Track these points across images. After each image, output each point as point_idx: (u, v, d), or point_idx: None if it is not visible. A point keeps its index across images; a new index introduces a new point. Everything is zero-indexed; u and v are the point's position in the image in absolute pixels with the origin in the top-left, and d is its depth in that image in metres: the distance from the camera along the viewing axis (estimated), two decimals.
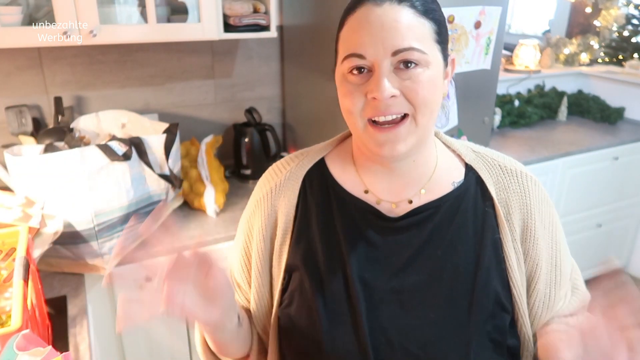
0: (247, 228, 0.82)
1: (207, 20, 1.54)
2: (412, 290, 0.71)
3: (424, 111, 0.66)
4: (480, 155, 0.79)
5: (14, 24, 1.34)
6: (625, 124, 2.82)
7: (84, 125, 1.59)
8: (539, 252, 0.75)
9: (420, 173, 0.75)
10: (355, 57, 0.65)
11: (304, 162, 0.80)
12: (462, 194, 0.75)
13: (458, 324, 0.69)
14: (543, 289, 0.75)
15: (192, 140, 1.87)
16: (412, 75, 0.64)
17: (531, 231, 0.74)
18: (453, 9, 1.59)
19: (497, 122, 2.62)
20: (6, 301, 0.99)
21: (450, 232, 0.73)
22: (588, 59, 3.14)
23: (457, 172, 0.77)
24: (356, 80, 0.66)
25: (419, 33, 0.64)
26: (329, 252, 0.73)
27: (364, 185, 0.76)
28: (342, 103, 0.68)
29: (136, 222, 1.37)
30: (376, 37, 0.63)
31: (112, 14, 1.47)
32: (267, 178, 0.82)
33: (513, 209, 0.74)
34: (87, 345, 1.07)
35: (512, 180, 0.76)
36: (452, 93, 1.73)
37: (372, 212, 0.74)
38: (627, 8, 3.12)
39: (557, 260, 0.77)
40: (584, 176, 2.47)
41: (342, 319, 0.70)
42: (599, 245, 2.74)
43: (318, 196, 0.77)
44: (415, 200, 0.74)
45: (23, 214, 1.11)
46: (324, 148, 0.82)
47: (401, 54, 0.63)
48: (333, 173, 0.79)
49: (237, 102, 2.00)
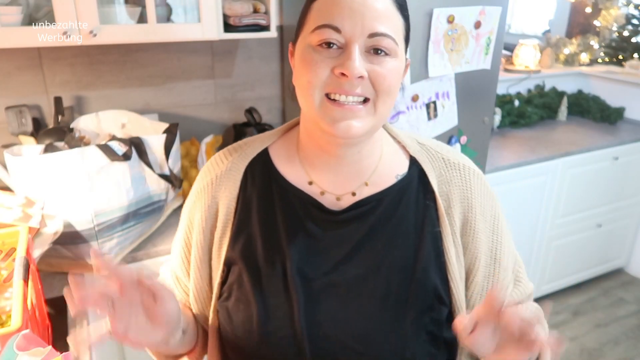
0: (188, 220, 0.80)
1: (207, 20, 1.54)
2: (351, 284, 0.70)
3: (385, 99, 0.65)
4: (425, 148, 0.78)
5: (14, 24, 1.34)
6: (625, 124, 2.82)
7: (84, 125, 1.59)
8: (478, 245, 0.74)
9: (365, 165, 0.74)
10: (331, 29, 0.62)
11: (246, 153, 0.78)
12: (404, 187, 0.74)
13: (395, 317, 0.69)
14: (481, 282, 0.75)
15: (192, 140, 1.87)
16: (382, 61, 0.64)
17: (471, 224, 0.74)
18: (453, 9, 1.59)
19: (497, 122, 2.63)
20: (6, 301, 0.99)
21: (391, 226, 0.72)
22: (588, 59, 3.14)
23: (401, 165, 0.76)
24: (325, 53, 0.63)
25: (394, 23, 0.65)
26: (269, 245, 0.72)
27: (308, 176, 0.75)
28: (301, 75, 0.65)
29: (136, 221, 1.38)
30: (356, 12, 0.62)
31: (112, 14, 1.47)
32: (208, 169, 0.80)
33: (454, 202, 0.74)
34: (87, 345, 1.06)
35: (454, 174, 0.75)
36: (452, 93, 1.73)
37: (314, 204, 0.73)
38: (627, 8, 3.12)
39: (498, 254, 0.76)
40: (584, 176, 2.47)
41: (279, 313, 0.69)
42: (599, 245, 2.74)
43: (260, 188, 0.76)
44: (358, 192, 0.74)
45: (23, 214, 1.11)
46: (267, 138, 0.80)
47: (377, 38, 0.63)
48: (276, 164, 0.77)
49: (237, 102, 2.00)
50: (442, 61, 1.66)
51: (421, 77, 1.65)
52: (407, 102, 1.65)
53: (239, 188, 0.76)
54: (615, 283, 2.90)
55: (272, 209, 0.74)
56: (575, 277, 2.77)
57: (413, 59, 1.60)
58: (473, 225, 0.74)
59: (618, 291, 2.83)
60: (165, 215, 1.57)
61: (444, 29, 1.61)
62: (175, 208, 1.62)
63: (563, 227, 2.54)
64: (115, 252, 1.35)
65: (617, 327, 2.54)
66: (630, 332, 2.51)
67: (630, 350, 2.38)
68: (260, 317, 0.69)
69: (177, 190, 1.56)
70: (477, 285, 0.75)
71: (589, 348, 2.39)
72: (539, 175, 2.31)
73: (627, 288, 2.86)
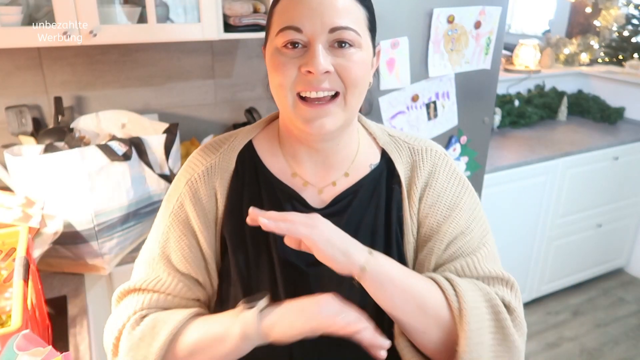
0: (182, 213, 0.76)
1: (207, 20, 1.54)
2: (334, 273, 0.68)
3: (353, 91, 0.67)
4: (394, 139, 0.81)
5: (14, 24, 1.34)
6: (625, 124, 2.82)
7: (84, 125, 1.59)
8: (429, 209, 0.75)
9: (344, 155, 0.77)
10: (292, 30, 0.65)
11: (234, 144, 0.79)
12: (377, 177, 0.77)
13: (369, 299, 0.70)
14: (424, 255, 0.75)
15: (192, 140, 1.87)
16: (346, 54, 0.66)
17: (426, 200, 0.76)
18: (453, 9, 1.59)
19: (497, 122, 2.63)
20: (6, 301, 0.99)
21: (366, 215, 0.75)
22: (588, 59, 3.15)
23: (374, 155, 0.79)
24: (291, 54, 0.66)
25: (355, 16, 0.66)
26: (257, 235, 0.74)
27: (291, 168, 0.77)
28: (273, 77, 0.68)
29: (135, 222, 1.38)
30: (315, 11, 0.64)
31: (112, 14, 1.47)
32: (196, 162, 0.79)
33: (417, 182, 0.76)
34: (87, 345, 1.07)
35: (418, 157, 0.78)
36: (452, 93, 1.74)
37: (297, 199, 0.76)
38: (627, 8, 3.12)
39: (451, 217, 0.75)
40: (584, 176, 2.47)
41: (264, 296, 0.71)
42: (599, 245, 2.74)
43: (248, 179, 0.77)
44: (339, 183, 0.77)
45: (23, 214, 1.11)
46: (251, 130, 0.81)
47: (338, 32, 0.65)
48: (261, 156, 0.79)
49: (237, 102, 2.00)
50: (442, 61, 1.66)
51: (421, 77, 1.65)
52: (407, 102, 1.65)
53: (230, 178, 0.77)
54: (615, 283, 2.90)
55: (259, 200, 0.76)
56: (575, 277, 2.77)
57: (413, 59, 1.60)
58: (427, 194, 0.76)
59: (618, 291, 2.83)
60: None
61: (444, 29, 1.61)
62: None
63: (563, 227, 2.54)
64: (115, 252, 1.35)
65: (617, 327, 2.54)
66: (630, 332, 2.51)
67: (630, 350, 2.38)
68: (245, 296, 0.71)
69: None
70: (422, 257, 0.75)
71: (589, 348, 2.39)
72: (538, 175, 2.31)
73: (627, 288, 2.86)
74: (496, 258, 0.77)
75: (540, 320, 2.58)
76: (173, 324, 0.70)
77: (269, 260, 0.73)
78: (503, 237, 2.32)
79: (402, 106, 1.64)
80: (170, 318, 0.71)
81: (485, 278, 0.73)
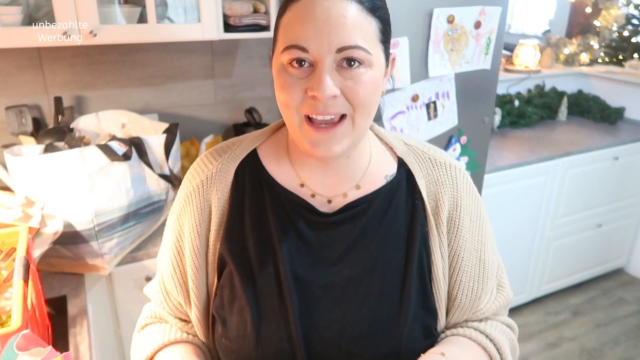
0: (178, 227, 0.77)
1: (207, 20, 1.54)
2: (345, 286, 0.70)
3: (362, 112, 0.64)
4: (412, 148, 0.78)
5: (14, 24, 1.34)
6: (625, 124, 2.82)
7: (84, 125, 1.59)
8: (462, 243, 0.75)
9: (355, 168, 0.74)
10: (297, 49, 0.61)
11: (235, 153, 0.77)
12: (394, 188, 0.74)
13: (390, 316, 0.69)
14: (467, 281, 0.75)
15: (192, 140, 1.87)
16: (355, 75, 0.62)
17: (456, 222, 0.74)
18: (453, 9, 1.59)
19: (497, 122, 2.63)
20: (6, 301, 0.99)
21: (382, 227, 0.73)
22: (588, 59, 3.15)
23: (390, 166, 0.76)
24: (296, 74, 0.63)
25: (365, 32, 0.62)
26: (261, 246, 0.72)
27: (299, 178, 0.75)
28: (279, 96, 0.65)
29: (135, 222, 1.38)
30: (321, 31, 0.60)
31: (112, 14, 1.47)
32: (196, 171, 0.78)
33: (441, 201, 0.74)
34: (87, 345, 1.07)
35: (441, 173, 0.76)
36: (452, 93, 1.73)
37: (305, 206, 0.73)
38: (627, 8, 3.12)
39: (483, 254, 0.76)
40: (584, 176, 2.47)
41: (273, 316, 0.69)
42: (599, 245, 2.74)
43: (250, 189, 0.75)
44: (350, 194, 0.74)
45: (23, 214, 1.11)
46: (256, 138, 0.79)
47: (346, 52, 0.61)
48: (266, 165, 0.76)
49: (237, 102, 2.00)
50: (442, 61, 1.66)
51: (421, 77, 1.65)
52: (407, 102, 1.65)
53: (230, 189, 0.74)
54: (615, 283, 2.90)
55: (263, 210, 0.74)
56: (575, 277, 2.77)
57: (413, 59, 1.60)
58: (457, 223, 0.74)
59: (618, 291, 2.83)
60: (165, 215, 1.57)
61: (444, 29, 1.61)
62: None
63: (563, 227, 2.54)
64: (115, 252, 1.35)
65: (617, 327, 2.54)
66: (630, 332, 2.51)
67: (630, 350, 2.38)
68: (254, 320, 0.69)
69: (177, 190, 1.56)
70: (463, 284, 0.75)
71: (589, 348, 2.39)
72: (539, 175, 2.31)
73: (627, 288, 2.86)
74: (506, 281, 0.86)
75: (540, 320, 2.58)
76: (150, 347, 0.78)
77: (276, 272, 0.71)
78: (503, 237, 2.32)
79: (402, 106, 1.64)
80: (153, 339, 0.80)
81: (506, 305, 0.83)
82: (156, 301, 0.83)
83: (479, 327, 0.77)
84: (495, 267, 0.80)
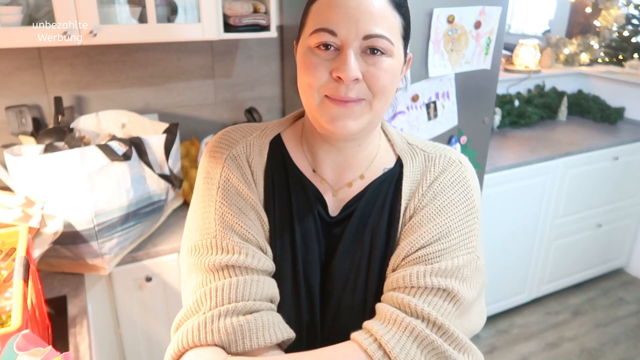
0: (223, 181, 0.74)
1: (207, 20, 1.54)
2: (341, 278, 0.75)
3: (380, 98, 0.68)
4: (412, 147, 0.81)
5: (14, 24, 1.34)
6: (625, 124, 2.82)
7: (84, 125, 1.59)
8: (416, 219, 0.73)
9: (363, 157, 0.78)
10: (327, 32, 0.65)
11: (267, 133, 0.80)
12: (387, 179, 0.78)
13: (369, 300, 0.74)
14: (394, 258, 0.74)
15: (192, 140, 1.87)
16: (377, 61, 0.66)
17: (423, 198, 0.75)
18: (453, 9, 1.59)
19: (497, 122, 2.63)
20: (6, 301, 0.99)
21: (371, 216, 0.76)
22: (588, 59, 3.15)
23: (390, 161, 0.80)
24: (323, 55, 0.66)
25: (389, 23, 0.66)
26: (282, 229, 0.76)
27: (312, 164, 0.79)
28: (303, 76, 0.68)
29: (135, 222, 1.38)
30: (351, 16, 0.64)
31: (112, 14, 1.47)
32: (230, 137, 0.78)
33: (423, 187, 0.76)
34: (87, 345, 1.07)
35: (431, 164, 0.78)
36: (452, 93, 1.73)
37: (322, 203, 0.77)
38: (627, 8, 3.12)
39: (447, 231, 0.72)
40: (584, 176, 2.47)
41: (287, 298, 0.74)
42: (599, 245, 2.74)
43: (277, 172, 0.78)
44: (355, 184, 0.78)
45: (23, 214, 1.11)
46: (280, 124, 0.82)
47: (372, 40, 0.65)
48: (289, 151, 0.80)
49: (237, 102, 2.00)
50: (442, 61, 1.66)
51: (421, 77, 1.65)
52: (407, 102, 1.65)
53: (265, 162, 0.78)
54: (615, 283, 2.90)
55: (287, 189, 0.77)
56: (575, 277, 2.77)
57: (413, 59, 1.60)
58: (424, 200, 0.75)
59: (618, 291, 2.83)
60: (165, 215, 1.57)
61: (444, 29, 1.61)
62: (175, 208, 1.63)
63: (563, 227, 2.54)
64: (115, 252, 1.35)
65: (617, 327, 2.55)
66: (630, 332, 2.51)
67: (630, 350, 2.38)
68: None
69: (177, 190, 1.56)
70: (395, 255, 0.74)
71: (589, 348, 2.39)
72: (539, 175, 2.31)
73: (627, 288, 2.86)
74: (460, 274, 0.69)
75: (540, 320, 2.58)
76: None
77: (294, 262, 0.75)
78: (503, 237, 2.33)
79: (402, 106, 1.64)
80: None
81: (426, 289, 0.66)
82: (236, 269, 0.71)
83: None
84: (460, 246, 0.72)
